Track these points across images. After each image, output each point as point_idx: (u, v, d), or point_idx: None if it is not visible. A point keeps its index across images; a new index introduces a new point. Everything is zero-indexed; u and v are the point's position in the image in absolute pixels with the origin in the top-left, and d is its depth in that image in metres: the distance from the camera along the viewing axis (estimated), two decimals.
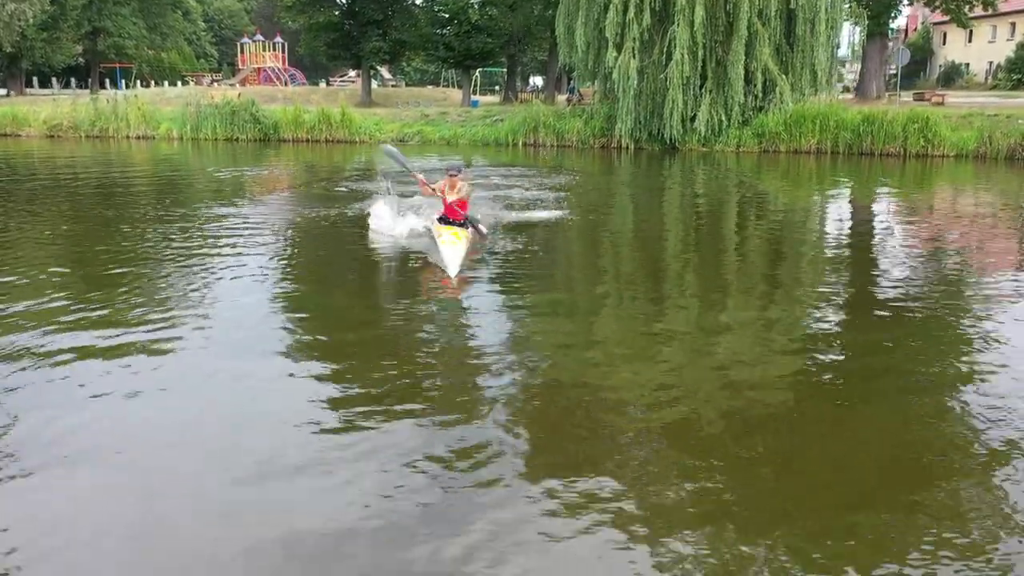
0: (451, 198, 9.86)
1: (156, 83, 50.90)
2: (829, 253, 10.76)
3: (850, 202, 16.13)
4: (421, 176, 10.54)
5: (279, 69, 50.21)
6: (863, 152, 23.39)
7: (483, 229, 10.06)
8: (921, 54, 51.89)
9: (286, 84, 47.77)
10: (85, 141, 30.32)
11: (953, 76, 47.91)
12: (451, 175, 10.01)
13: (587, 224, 12.58)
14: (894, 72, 55.52)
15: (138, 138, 30.77)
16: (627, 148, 25.75)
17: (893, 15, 33.27)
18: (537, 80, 58.00)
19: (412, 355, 6.07)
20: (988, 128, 22.38)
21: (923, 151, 22.75)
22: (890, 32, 34.52)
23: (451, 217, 9.80)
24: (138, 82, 51.46)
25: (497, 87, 50.12)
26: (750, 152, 24.48)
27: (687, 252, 10.67)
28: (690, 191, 17.21)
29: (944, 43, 50.41)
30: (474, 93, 42.77)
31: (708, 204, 15.31)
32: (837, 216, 14.57)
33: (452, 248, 8.73)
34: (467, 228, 9.66)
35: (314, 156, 25.01)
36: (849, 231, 12.82)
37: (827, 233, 12.53)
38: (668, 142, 24.91)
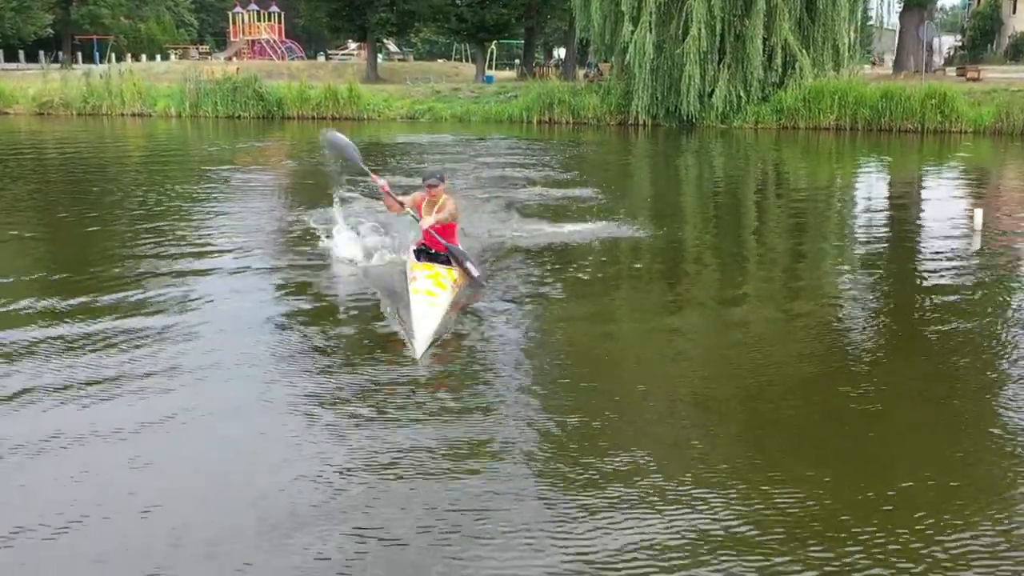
0: (429, 220, 8.53)
1: (134, 57, 54.71)
2: (858, 232, 12.92)
3: (874, 178, 20.12)
4: (383, 182, 8.96)
5: (275, 41, 54.96)
6: (881, 128, 27.86)
7: (474, 271, 8.53)
8: (989, 24, 55.93)
9: (282, 58, 52.44)
10: (77, 119, 34.64)
11: (1022, 49, 51.64)
12: (429, 186, 8.71)
13: (601, 202, 14.30)
14: (962, 45, 59.58)
15: (134, 115, 35.20)
16: (644, 125, 30.25)
17: None
18: (561, 52, 62.44)
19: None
20: (1007, 104, 26.75)
21: (941, 127, 27.22)
22: (928, 2, 38.59)
23: (431, 247, 8.63)
24: (113, 55, 55.37)
25: (517, 60, 54.55)
26: (768, 128, 28.94)
27: (711, 233, 12.66)
28: (709, 169, 21.35)
29: (1014, 12, 54.19)
30: (489, 67, 47.20)
31: (728, 182, 18.99)
32: (864, 193, 17.89)
33: (425, 307, 7.18)
34: (454, 264, 8.44)
35: (320, 134, 29.40)
36: (872, 209, 15.63)
37: (854, 211, 15.17)
38: (685, 118, 29.31)
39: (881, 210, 15.48)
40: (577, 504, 4.42)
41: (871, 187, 18.77)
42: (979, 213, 11.59)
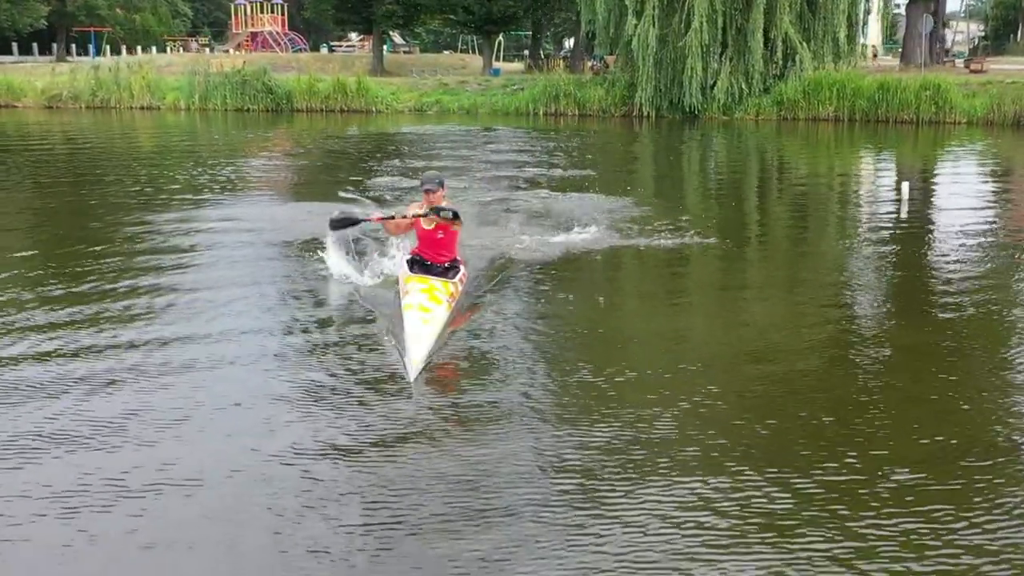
0: (430, 226, 8.52)
1: (130, 49, 57.08)
2: (864, 221, 14.25)
3: (870, 168, 22.65)
4: (378, 214, 9.25)
5: (278, 33, 58.02)
6: (878, 119, 30.97)
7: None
8: (1012, 14, 58.82)
9: (285, 50, 55.39)
10: (86, 112, 37.52)
11: None
12: (427, 191, 8.55)
13: (605, 191, 15.23)
14: (985, 35, 62.42)
15: (142, 108, 38.18)
16: (648, 116, 33.43)
17: None
18: (571, 44, 65.42)
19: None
20: (999, 96, 29.80)
21: (935, 118, 30.31)
22: None
23: (428, 259, 8.54)
24: (108, 48, 57.30)
25: (526, 52, 57.55)
26: (769, 120, 32.11)
27: (714, 216, 14.04)
28: (713, 158, 24.03)
29: None
30: (497, 59, 50.06)
31: (731, 170, 21.56)
32: (867, 183, 19.83)
33: (418, 324, 7.12)
34: (451, 277, 8.30)
35: (330, 126, 32.37)
36: (877, 199, 17.08)
37: (848, 196, 17.28)
38: (688, 110, 32.43)
39: (874, 195, 17.86)
40: (585, 521, 4.56)
41: (867, 175, 21.36)
42: (905, 186, 14.58)
